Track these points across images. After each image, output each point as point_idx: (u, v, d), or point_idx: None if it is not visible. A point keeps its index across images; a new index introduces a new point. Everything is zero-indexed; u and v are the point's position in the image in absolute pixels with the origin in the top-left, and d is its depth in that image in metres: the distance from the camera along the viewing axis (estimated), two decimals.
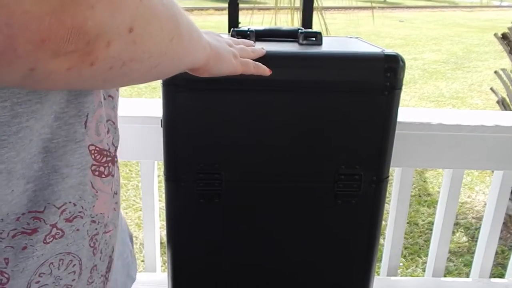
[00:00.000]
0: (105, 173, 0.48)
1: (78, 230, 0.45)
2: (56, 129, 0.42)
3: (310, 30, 0.98)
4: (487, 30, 13.15)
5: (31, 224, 0.41)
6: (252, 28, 0.95)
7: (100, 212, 0.48)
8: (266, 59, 0.80)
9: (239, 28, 0.96)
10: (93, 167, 0.46)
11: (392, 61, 0.85)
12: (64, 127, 0.42)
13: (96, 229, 0.48)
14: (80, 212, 0.45)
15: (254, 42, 0.93)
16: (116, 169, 0.52)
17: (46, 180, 0.42)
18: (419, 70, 8.55)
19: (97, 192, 0.47)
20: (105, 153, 0.48)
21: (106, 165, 0.48)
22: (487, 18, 19.14)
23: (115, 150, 0.51)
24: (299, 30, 0.96)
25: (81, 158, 0.44)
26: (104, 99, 0.49)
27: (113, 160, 0.50)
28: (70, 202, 0.44)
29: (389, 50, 0.87)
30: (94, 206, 0.47)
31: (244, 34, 0.93)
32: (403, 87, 0.89)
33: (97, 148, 0.46)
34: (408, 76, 7.69)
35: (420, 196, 3.53)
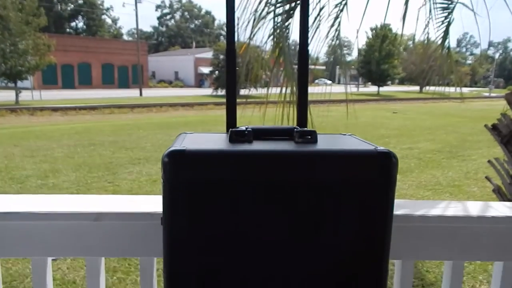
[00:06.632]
0: None
1: None
2: None
3: (305, 128, 1.03)
4: (479, 119, 13.55)
5: None
6: (250, 127, 1.00)
7: None
8: (265, 158, 0.83)
9: (237, 128, 1.01)
10: None
11: (385, 158, 0.89)
12: None
13: None
14: None
15: (252, 141, 0.97)
16: None
17: None
18: (415, 159, 8.68)
19: None
20: None
21: None
22: (478, 108, 19.81)
23: None
24: (295, 129, 1.01)
25: None
26: None
27: None
28: None
29: (381, 148, 0.91)
30: None
31: (242, 134, 0.98)
32: (401, 176, 0.92)
33: None
34: (404, 165, 7.80)
35: (423, 287, 3.43)
